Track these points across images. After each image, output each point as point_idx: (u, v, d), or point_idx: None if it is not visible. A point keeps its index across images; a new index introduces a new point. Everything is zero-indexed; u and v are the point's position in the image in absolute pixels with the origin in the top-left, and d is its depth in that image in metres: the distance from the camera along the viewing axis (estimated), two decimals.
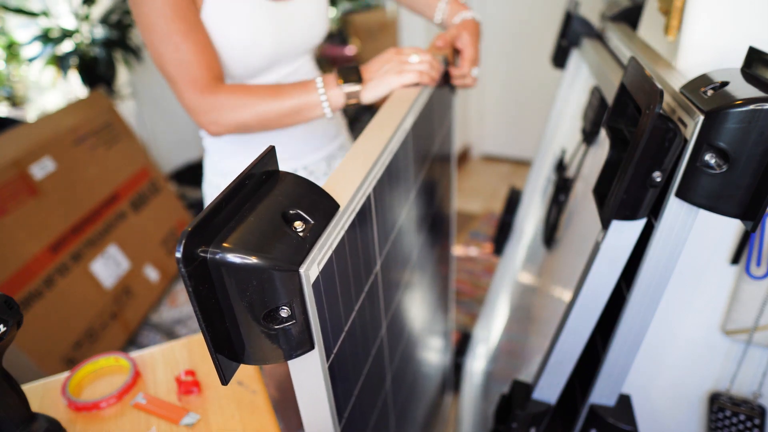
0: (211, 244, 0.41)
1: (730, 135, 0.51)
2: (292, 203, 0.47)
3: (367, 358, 0.69)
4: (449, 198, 1.25)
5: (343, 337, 0.57)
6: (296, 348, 0.47)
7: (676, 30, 0.74)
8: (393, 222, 0.74)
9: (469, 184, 3.17)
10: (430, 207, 1.02)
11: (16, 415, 0.62)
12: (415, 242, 0.91)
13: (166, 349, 0.83)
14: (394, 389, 0.86)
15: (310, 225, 0.47)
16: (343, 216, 0.52)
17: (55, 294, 1.85)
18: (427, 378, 1.21)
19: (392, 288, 0.78)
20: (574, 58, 1.29)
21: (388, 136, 0.67)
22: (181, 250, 0.38)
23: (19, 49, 2.52)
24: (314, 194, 0.50)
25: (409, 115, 0.77)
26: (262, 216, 0.44)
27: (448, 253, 1.34)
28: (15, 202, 1.80)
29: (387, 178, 0.68)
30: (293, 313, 0.45)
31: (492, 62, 3.17)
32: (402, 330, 0.88)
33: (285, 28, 0.96)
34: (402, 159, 0.75)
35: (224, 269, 0.41)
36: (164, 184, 2.46)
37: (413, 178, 0.84)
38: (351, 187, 0.55)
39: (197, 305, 0.41)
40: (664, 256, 0.61)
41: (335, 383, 0.56)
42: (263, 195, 0.47)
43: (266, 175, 0.49)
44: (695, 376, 0.90)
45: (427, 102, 0.89)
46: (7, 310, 0.56)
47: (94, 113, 2.20)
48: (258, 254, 0.41)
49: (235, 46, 0.91)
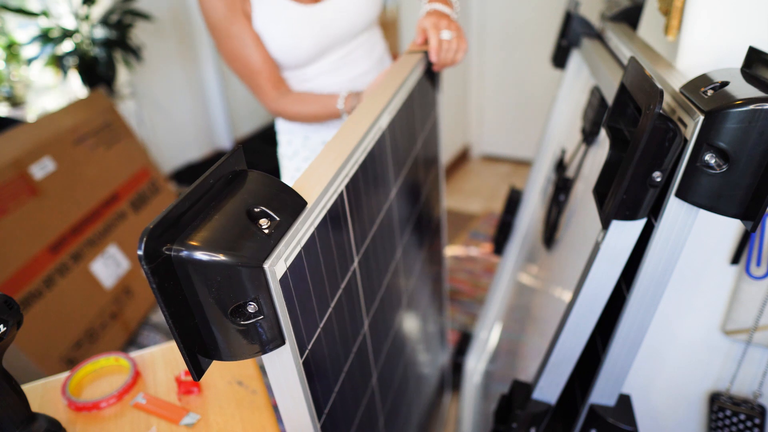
0: (175, 242, 0.42)
1: (730, 135, 0.51)
2: (257, 201, 0.48)
3: (348, 355, 0.69)
4: (438, 198, 1.26)
5: (319, 333, 0.58)
6: (268, 343, 0.48)
7: (676, 30, 0.74)
8: (372, 220, 0.75)
9: (469, 184, 3.17)
10: (415, 206, 1.02)
11: (16, 415, 0.62)
12: (398, 242, 0.91)
13: (166, 349, 0.83)
14: (382, 388, 0.86)
15: (275, 222, 0.47)
16: (311, 213, 0.53)
17: (55, 294, 1.85)
18: (423, 378, 1.21)
19: (374, 286, 0.79)
20: (574, 58, 1.29)
21: (361, 134, 0.68)
22: (142, 247, 0.38)
23: (19, 49, 2.52)
24: (282, 192, 0.50)
25: (385, 114, 0.77)
26: (227, 214, 0.45)
27: (440, 253, 1.33)
28: (15, 202, 1.80)
29: (362, 176, 0.68)
30: (261, 308, 0.45)
31: (492, 62, 3.17)
32: (388, 328, 0.88)
33: (328, 26, 1.07)
34: (379, 158, 0.76)
35: (189, 266, 0.42)
36: (164, 184, 2.46)
37: (393, 177, 0.84)
38: (320, 185, 0.56)
39: (163, 302, 0.41)
40: (664, 256, 0.61)
41: (312, 379, 0.56)
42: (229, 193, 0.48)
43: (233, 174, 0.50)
44: (695, 376, 0.90)
45: (406, 101, 0.89)
46: (7, 310, 0.56)
47: (94, 113, 2.20)
48: (222, 251, 0.42)
49: (277, 51, 1.07)
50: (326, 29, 1.07)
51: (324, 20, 1.06)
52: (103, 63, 2.48)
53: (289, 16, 1.04)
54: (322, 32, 1.07)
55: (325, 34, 1.08)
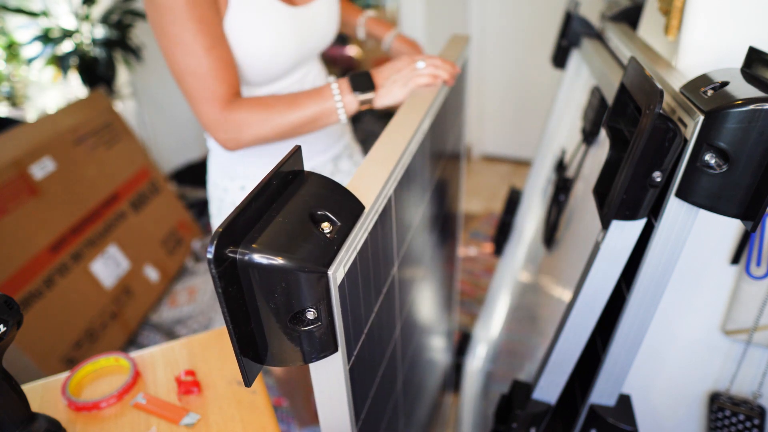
0: (240, 245, 0.40)
1: (730, 135, 0.51)
2: (319, 204, 0.46)
3: (383, 360, 0.68)
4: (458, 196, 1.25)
5: (363, 340, 0.57)
6: (319, 350, 0.46)
7: (676, 30, 0.74)
8: (410, 223, 0.74)
9: (469, 184, 3.17)
10: (443, 206, 1.02)
11: (16, 415, 0.62)
12: (428, 242, 0.91)
13: (166, 349, 0.83)
14: (405, 390, 0.86)
15: (337, 226, 0.46)
16: (367, 217, 0.51)
17: (55, 294, 1.85)
18: (430, 378, 1.22)
19: (407, 289, 0.78)
20: (574, 58, 1.29)
21: (409, 137, 0.67)
22: (212, 251, 0.37)
23: (19, 49, 2.51)
24: (340, 195, 0.49)
25: (427, 117, 0.77)
26: (290, 217, 0.44)
27: (455, 253, 1.34)
28: (15, 202, 1.80)
29: (406, 179, 0.68)
30: (319, 315, 0.44)
31: (492, 62, 3.17)
32: (413, 331, 0.88)
33: (306, 32, 0.96)
34: (419, 160, 0.75)
35: (253, 270, 0.41)
36: (164, 184, 2.46)
37: (429, 178, 0.84)
38: (374, 189, 0.55)
39: (226, 306, 0.40)
40: (664, 256, 0.61)
41: (354, 386, 0.55)
42: (290, 195, 0.46)
43: (292, 174, 0.48)
44: (695, 376, 0.90)
45: (444, 102, 0.89)
46: (7, 310, 0.56)
47: (94, 113, 2.20)
48: (286, 255, 0.41)
49: (259, 54, 0.90)
50: (302, 36, 0.95)
51: (301, 26, 0.94)
52: (103, 63, 2.48)
53: (273, 13, 0.89)
54: (300, 38, 0.94)
55: (302, 41, 0.95)
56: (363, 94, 0.84)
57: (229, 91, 0.85)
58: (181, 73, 0.84)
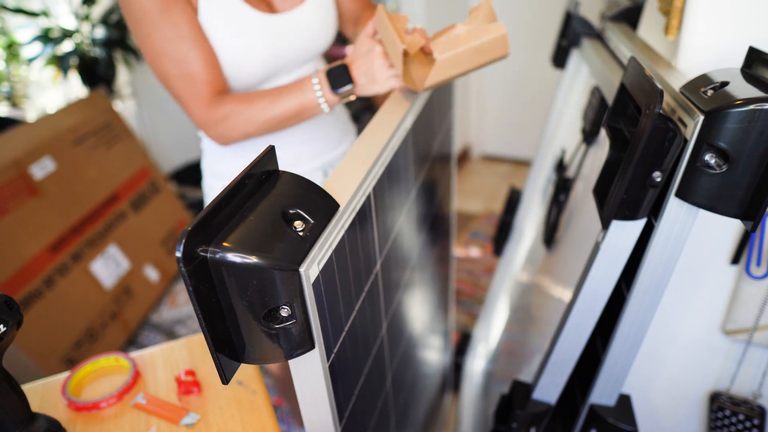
0: (211, 244, 0.41)
1: (730, 135, 0.51)
2: (292, 203, 0.47)
3: (368, 358, 0.69)
4: (449, 197, 1.25)
5: (344, 337, 0.57)
6: (297, 347, 0.47)
7: (676, 30, 0.74)
8: (393, 221, 0.74)
9: (469, 184, 3.17)
10: (431, 206, 1.02)
11: (16, 415, 0.62)
12: (415, 242, 0.91)
13: (166, 349, 0.83)
14: (395, 389, 0.86)
15: (310, 224, 0.47)
16: (343, 215, 0.52)
17: (55, 294, 1.85)
18: (427, 378, 1.21)
19: (393, 288, 0.78)
20: (574, 58, 1.29)
21: (388, 135, 0.67)
22: (181, 249, 0.38)
23: (19, 49, 2.51)
24: (314, 194, 0.50)
25: (410, 115, 0.77)
26: (263, 215, 0.44)
27: (449, 253, 1.34)
28: (15, 202, 1.80)
29: (387, 177, 0.68)
30: (293, 312, 0.45)
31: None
32: (402, 330, 0.88)
33: (284, 40, 0.94)
34: (402, 158, 0.75)
35: (224, 268, 0.41)
36: (164, 184, 2.46)
37: (413, 177, 0.84)
38: (351, 187, 0.55)
39: (197, 304, 0.40)
40: (664, 256, 0.61)
41: (336, 383, 0.56)
42: (263, 194, 0.47)
43: (266, 174, 0.49)
44: (695, 376, 0.90)
45: (428, 101, 0.88)
46: (7, 310, 0.56)
47: (94, 113, 2.20)
48: (258, 254, 0.41)
49: (227, 59, 0.90)
50: (280, 44, 0.93)
51: (279, 33, 0.93)
52: (103, 63, 2.48)
53: (241, 20, 0.88)
54: (275, 46, 0.93)
55: (279, 49, 0.94)
56: (342, 89, 0.84)
57: (213, 90, 0.87)
58: (164, 78, 0.87)
